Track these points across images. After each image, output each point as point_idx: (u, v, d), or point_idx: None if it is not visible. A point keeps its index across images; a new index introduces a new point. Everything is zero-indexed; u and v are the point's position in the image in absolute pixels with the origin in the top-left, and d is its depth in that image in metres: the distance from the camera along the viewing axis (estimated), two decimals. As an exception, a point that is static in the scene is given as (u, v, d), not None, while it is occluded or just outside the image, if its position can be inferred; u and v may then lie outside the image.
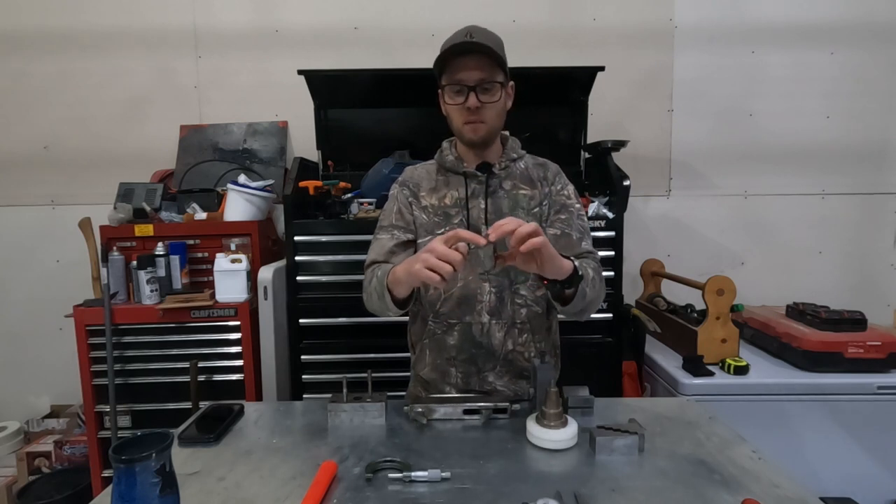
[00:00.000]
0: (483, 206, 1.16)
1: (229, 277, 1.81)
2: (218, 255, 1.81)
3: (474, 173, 1.15)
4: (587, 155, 2.16)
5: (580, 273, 1.01)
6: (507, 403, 1.07)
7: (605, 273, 1.72)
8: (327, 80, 2.07)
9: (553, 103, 2.17)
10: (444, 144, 1.23)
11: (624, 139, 1.96)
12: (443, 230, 1.15)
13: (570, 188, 1.23)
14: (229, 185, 1.93)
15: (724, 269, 2.35)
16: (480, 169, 1.16)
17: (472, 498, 0.80)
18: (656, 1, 2.32)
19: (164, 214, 1.96)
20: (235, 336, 1.80)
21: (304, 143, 2.29)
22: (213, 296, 1.81)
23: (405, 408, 1.08)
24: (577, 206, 1.21)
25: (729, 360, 1.67)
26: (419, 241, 1.19)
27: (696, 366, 1.68)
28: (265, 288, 1.76)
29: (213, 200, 2.03)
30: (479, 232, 1.11)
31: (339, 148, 2.18)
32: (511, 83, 1.14)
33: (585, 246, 1.17)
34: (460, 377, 1.19)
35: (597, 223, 1.76)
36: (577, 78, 2.06)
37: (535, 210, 1.18)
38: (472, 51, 1.05)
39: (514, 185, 1.18)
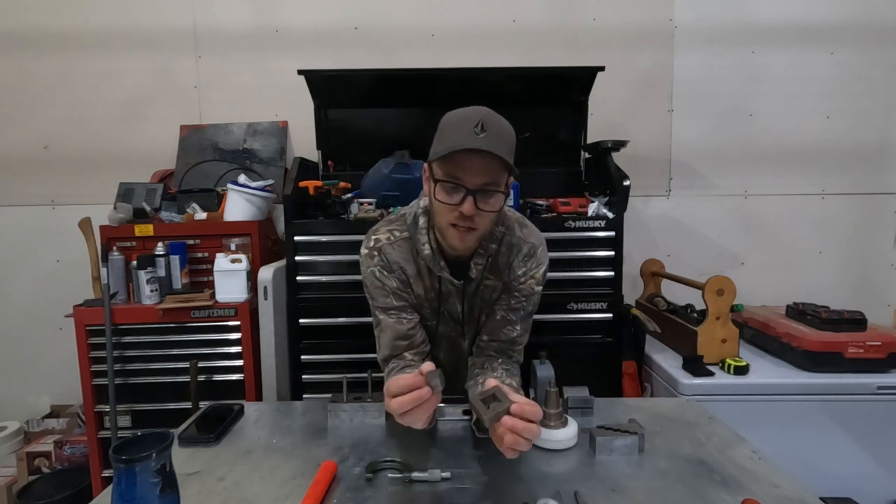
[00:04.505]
0: (459, 308, 1.10)
1: (229, 277, 1.81)
2: (218, 255, 1.81)
3: (450, 280, 1.04)
4: (587, 155, 2.16)
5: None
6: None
7: (604, 273, 1.77)
8: (327, 80, 2.07)
9: (553, 103, 2.17)
10: (421, 222, 1.03)
11: (624, 139, 1.96)
12: (430, 323, 1.12)
13: (539, 273, 1.09)
14: (229, 185, 1.93)
15: (724, 269, 2.35)
16: (457, 273, 1.04)
17: (472, 498, 0.80)
18: (656, 1, 2.32)
19: (164, 214, 1.96)
20: (235, 336, 1.80)
21: (304, 143, 2.29)
22: (213, 296, 1.81)
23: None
24: (538, 289, 1.10)
25: (729, 361, 1.67)
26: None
27: (696, 366, 1.68)
28: (265, 288, 1.76)
29: (213, 200, 2.03)
30: (461, 325, 1.12)
31: (339, 148, 2.18)
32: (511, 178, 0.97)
33: (516, 334, 1.10)
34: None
35: (597, 223, 1.77)
36: (577, 78, 2.06)
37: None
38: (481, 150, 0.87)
39: (484, 276, 1.08)
